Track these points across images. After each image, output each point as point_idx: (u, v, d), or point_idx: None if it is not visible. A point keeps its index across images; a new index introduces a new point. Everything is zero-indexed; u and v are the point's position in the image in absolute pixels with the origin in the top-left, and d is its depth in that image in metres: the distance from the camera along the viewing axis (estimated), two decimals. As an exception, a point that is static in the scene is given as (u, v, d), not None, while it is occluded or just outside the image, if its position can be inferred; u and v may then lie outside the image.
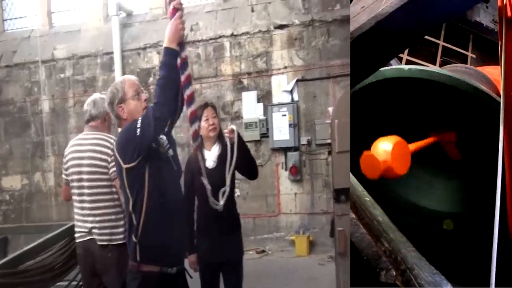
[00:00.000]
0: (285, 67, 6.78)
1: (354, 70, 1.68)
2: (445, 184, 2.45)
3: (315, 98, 6.67)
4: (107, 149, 2.91)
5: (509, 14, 1.44)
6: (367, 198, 1.74)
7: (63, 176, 3.07)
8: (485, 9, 5.72)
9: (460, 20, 5.54)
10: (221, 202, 2.82)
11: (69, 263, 3.33)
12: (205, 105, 3.09)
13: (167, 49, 2.17)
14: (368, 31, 1.51)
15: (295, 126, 6.57)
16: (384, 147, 1.72)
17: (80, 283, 3.35)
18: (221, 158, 3.06)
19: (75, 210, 2.99)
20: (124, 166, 2.21)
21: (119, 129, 2.38)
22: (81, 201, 2.94)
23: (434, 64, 5.34)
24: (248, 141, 6.73)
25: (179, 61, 2.22)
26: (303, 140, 6.62)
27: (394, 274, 1.35)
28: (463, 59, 5.43)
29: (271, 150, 6.76)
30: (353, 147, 2.34)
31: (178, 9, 2.23)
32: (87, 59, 7.57)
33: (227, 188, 2.90)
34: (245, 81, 6.94)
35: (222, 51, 7.04)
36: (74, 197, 2.97)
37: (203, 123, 3.02)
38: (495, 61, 2.58)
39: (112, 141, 2.97)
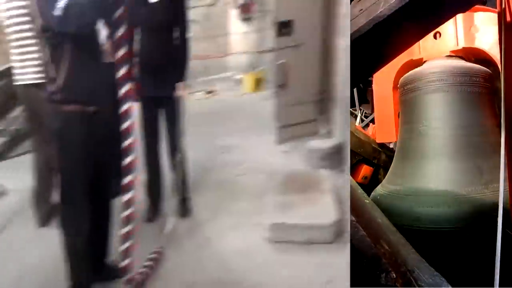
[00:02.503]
0: None
1: (352, 72, 1.71)
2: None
3: None
4: None
5: (508, 19, 1.38)
6: (367, 200, 1.71)
7: None
8: (483, 11, 5.45)
9: (458, 21, 5.23)
10: None
11: (9, 103, 3.48)
12: None
13: None
14: (366, 34, 1.52)
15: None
16: None
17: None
18: None
19: (11, 51, 2.99)
20: None
21: None
22: (14, 40, 2.95)
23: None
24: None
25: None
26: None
27: (394, 276, 1.32)
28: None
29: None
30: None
31: None
32: None
33: None
34: None
35: None
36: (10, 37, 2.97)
37: None
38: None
39: None
